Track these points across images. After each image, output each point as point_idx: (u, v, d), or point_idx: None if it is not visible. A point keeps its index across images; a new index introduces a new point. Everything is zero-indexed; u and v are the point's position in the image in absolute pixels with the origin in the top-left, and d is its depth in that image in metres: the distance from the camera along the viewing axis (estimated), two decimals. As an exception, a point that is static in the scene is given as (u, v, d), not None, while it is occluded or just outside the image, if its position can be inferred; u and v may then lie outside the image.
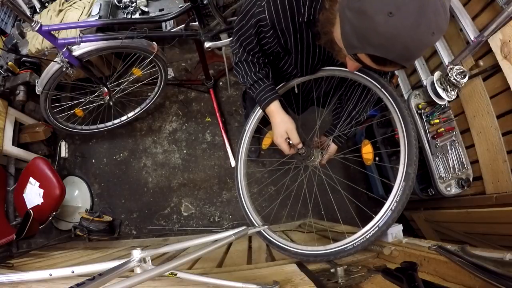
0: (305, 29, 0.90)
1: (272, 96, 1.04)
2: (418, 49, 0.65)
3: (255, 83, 1.04)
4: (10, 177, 2.11)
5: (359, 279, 0.80)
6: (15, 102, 2.02)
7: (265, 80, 1.04)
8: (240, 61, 1.04)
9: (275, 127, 1.04)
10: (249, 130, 1.25)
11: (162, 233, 2.24)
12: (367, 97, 1.12)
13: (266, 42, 0.97)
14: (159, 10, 1.99)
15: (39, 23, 1.39)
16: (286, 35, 0.92)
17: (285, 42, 0.96)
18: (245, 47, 1.00)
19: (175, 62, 2.49)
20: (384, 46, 0.63)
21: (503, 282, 0.53)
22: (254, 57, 1.02)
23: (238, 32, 0.99)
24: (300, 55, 1.01)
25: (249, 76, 1.04)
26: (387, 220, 0.89)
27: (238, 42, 1.01)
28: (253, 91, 1.06)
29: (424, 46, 0.64)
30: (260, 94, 1.04)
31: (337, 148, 1.22)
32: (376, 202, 1.63)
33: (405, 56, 0.65)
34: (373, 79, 1.00)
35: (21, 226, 1.59)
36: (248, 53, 1.02)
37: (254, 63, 1.04)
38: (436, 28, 0.61)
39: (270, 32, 0.92)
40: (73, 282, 0.44)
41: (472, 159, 1.58)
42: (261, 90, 1.04)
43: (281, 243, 1.08)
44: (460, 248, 0.74)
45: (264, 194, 2.15)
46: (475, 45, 1.41)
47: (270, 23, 0.89)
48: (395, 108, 0.95)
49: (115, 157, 2.38)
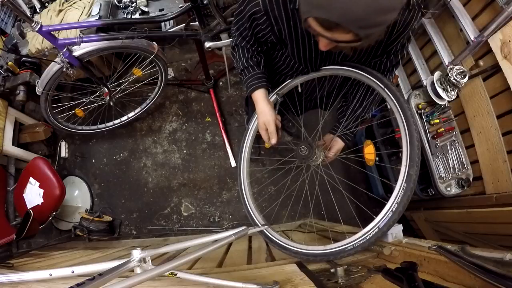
0: (298, 16, 0.90)
1: (258, 84, 1.06)
2: (366, 10, 0.61)
3: (245, 69, 1.07)
4: (10, 177, 2.11)
5: (359, 279, 0.80)
6: (15, 102, 2.02)
7: (256, 68, 1.07)
8: (236, 45, 1.07)
9: (258, 116, 1.08)
10: (252, 128, 1.25)
11: (162, 233, 2.24)
12: (372, 95, 1.12)
13: (259, 30, 0.98)
14: (159, 10, 1.99)
15: (39, 23, 1.39)
16: (279, 23, 0.93)
17: (279, 31, 0.96)
18: (241, 32, 1.02)
19: (175, 62, 2.49)
20: (324, 6, 0.63)
21: (503, 282, 0.53)
22: (249, 43, 1.04)
23: (236, 17, 1.01)
24: (296, 45, 1.01)
25: (242, 61, 1.07)
26: (387, 222, 0.89)
27: (236, 26, 1.03)
28: (243, 76, 1.09)
29: (373, 7, 0.61)
30: (248, 80, 1.07)
31: (344, 145, 1.22)
32: (376, 202, 1.63)
33: (350, 17, 0.63)
34: (376, 78, 1.00)
35: (21, 226, 1.59)
36: (244, 38, 1.04)
37: (248, 49, 1.06)
38: None
39: (263, 18, 0.93)
40: (73, 282, 0.44)
41: (472, 159, 1.58)
42: (250, 77, 1.07)
43: (282, 241, 1.08)
44: (460, 248, 0.74)
45: (264, 194, 2.15)
46: (475, 45, 1.41)
47: (263, 9, 0.90)
48: (398, 109, 0.95)
49: (115, 157, 2.38)
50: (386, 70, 1.06)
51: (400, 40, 0.94)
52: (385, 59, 1.03)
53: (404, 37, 0.93)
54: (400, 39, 0.94)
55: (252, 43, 1.04)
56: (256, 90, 1.06)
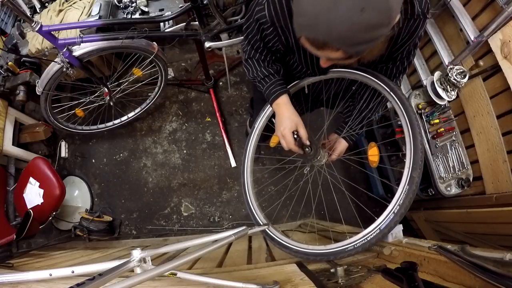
0: None
1: (281, 89, 1.04)
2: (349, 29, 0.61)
3: (266, 77, 1.06)
4: (10, 177, 2.11)
5: (359, 279, 0.80)
6: (15, 102, 2.02)
7: (276, 75, 1.06)
8: (250, 58, 1.07)
9: (284, 120, 1.04)
10: (258, 128, 1.25)
11: (162, 233, 2.24)
12: (379, 96, 1.12)
13: (269, 40, 0.98)
14: (159, 10, 1.99)
15: (39, 23, 1.39)
16: (286, 32, 0.93)
17: (286, 39, 0.97)
18: (253, 45, 1.02)
19: (175, 62, 2.49)
20: (311, 26, 0.64)
21: (503, 282, 0.53)
22: (262, 54, 1.04)
23: (246, 30, 1.01)
24: (303, 53, 1.01)
25: (259, 71, 1.06)
26: (389, 223, 0.89)
27: (247, 40, 1.03)
28: (262, 84, 1.07)
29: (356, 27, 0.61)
30: (269, 88, 1.05)
31: (347, 145, 1.21)
32: (376, 202, 1.63)
33: (335, 36, 0.63)
34: (382, 82, 1.01)
35: (21, 226, 1.59)
36: (256, 50, 1.04)
37: (262, 60, 1.06)
38: (366, 3, 0.58)
39: (270, 29, 0.93)
40: (73, 282, 0.44)
41: (472, 159, 1.58)
42: (270, 84, 1.05)
43: (283, 240, 1.08)
44: (460, 248, 0.74)
45: (264, 194, 2.15)
46: (475, 45, 1.41)
47: (269, 20, 0.90)
48: (403, 112, 0.96)
49: (115, 157, 2.38)
50: (393, 75, 1.07)
51: (405, 48, 0.95)
52: (391, 65, 1.04)
53: (410, 44, 0.93)
54: (406, 47, 0.94)
55: (265, 53, 1.04)
56: (280, 96, 1.05)
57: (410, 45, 0.94)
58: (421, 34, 0.91)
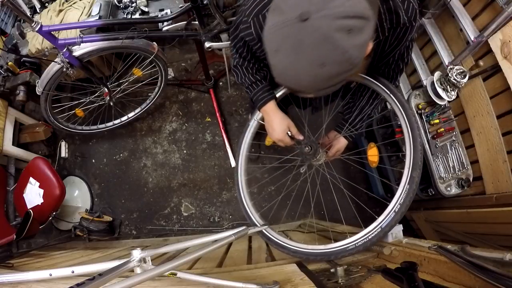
0: None
1: (268, 96, 1.08)
2: (314, 80, 0.65)
3: (253, 84, 1.09)
4: (10, 177, 2.11)
5: (359, 279, 0.80)
6: (15, 102, 2.02)
7: (263, 81, 1.09)
8: (238, 65, 1.09)
9: (275, 126, 1.08)
10: (252, 126, 1.25)
11: (162, 233, 2.24)
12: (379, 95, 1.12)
13: (256, 50, 1.00)
14: (159, 10, 1.99)
15: (39, 23, 1.39)
16: None
17: None
18: (240, 53, 1.05)
19: (175, 62, 2.49)
20: (281, 78, 0.69)
21: (503, 282, 0.53)
22: (250, 62, 1.07)
23: (233, 41, 1.05)
24: None
25: (246, 77, 1.09)
26: (390, 222, 0.90)
27: (234, 49, 1.06)
28: (250, 90, 1.11)
29: (319, 78, 0.64)
30: (257, 95, 1.09)
31: (347, 143, 1.22)
32: (376, 202, 1.63)
33: (304, 86, 0.69)
34: (382, 84, 1.02)
35: (21, 226, 1.59)
36: (244, 59, 1.07)
37: (251, 67, 1.09)
38: (326, 59, 0.61)
39: (258, 45, 0.95)
40: (73, 282, 0.44)
41: (472, 159, 1.58)
42: (258, 91, 1.09)
43: (281, 240, 1.08)
44: (460, 248, 0.74)
45: (263, 193, 2.15)
46: (475, 45, 1.41)
47: (256, 38, 0.92)
48: (402, 114, 0.98)
49: (115, 157, 2.38)
50: (390, 77, 1.07)
51: (397, 51, 0.96)
52: (386, 68, 1.05)
53: (401, 47, 0.94)
54: (397, 51, 0.95)
55: (253, 61, 1.07)
56: (268, 103, 1.08)
57: (402, 49, 0.95)
58: (411, 37, 0.92)
